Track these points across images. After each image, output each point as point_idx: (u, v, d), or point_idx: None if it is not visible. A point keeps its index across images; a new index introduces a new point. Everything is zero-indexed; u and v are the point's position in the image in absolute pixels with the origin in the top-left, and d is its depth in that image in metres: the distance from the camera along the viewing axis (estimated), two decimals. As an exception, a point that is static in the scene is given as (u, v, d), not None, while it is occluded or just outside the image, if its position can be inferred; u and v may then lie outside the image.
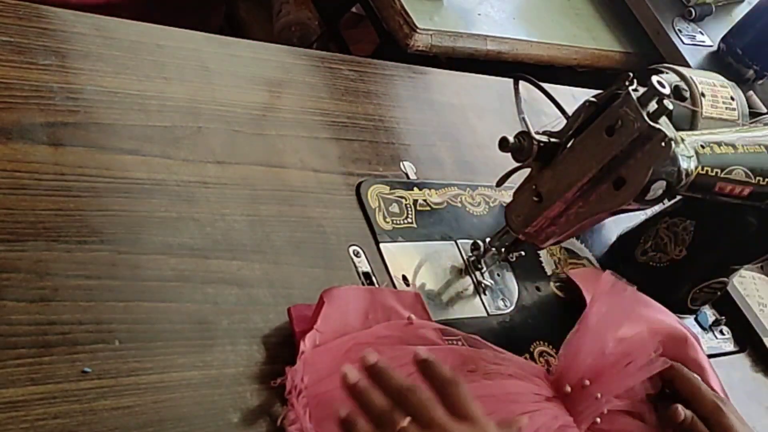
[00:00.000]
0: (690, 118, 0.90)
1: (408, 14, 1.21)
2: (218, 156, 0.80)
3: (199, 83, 0.84)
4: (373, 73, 1.03)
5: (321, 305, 0.70)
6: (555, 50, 1.42)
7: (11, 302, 0.60)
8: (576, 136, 0.76)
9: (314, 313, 0.70)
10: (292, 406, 0.65)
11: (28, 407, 0.56)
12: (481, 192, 0.98)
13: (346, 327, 0.71)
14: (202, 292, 0.69)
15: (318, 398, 0.66)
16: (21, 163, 0.67)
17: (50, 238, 0.64)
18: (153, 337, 0.64)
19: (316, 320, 0.69)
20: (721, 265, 0.98)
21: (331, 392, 0.66)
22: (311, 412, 0.65)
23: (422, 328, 0.75)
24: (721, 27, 1.60)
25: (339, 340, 0.70)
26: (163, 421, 0.61)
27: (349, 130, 0.93)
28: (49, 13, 0.79)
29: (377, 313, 0.74)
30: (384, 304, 0.75)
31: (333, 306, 0.70)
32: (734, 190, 0.79)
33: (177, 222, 0.72)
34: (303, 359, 0.67)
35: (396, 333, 0.73)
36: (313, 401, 0.66)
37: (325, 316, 0.70)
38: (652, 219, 1.01)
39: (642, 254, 0.99)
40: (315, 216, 0.82)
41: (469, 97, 1.12)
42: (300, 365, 0.67)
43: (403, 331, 0.74)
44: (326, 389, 0.67)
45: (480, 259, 0.89)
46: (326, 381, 0.67)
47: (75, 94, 0.74)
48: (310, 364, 0.67)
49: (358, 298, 0.74)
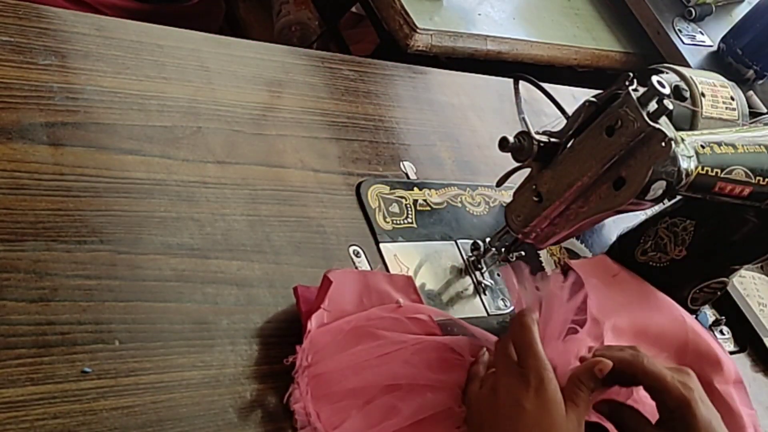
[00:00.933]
0: (690, 118, 0.90)
1: (408, 14, 1.21)
2: (218, 156, 0.80)
3: (199, 83, 0.84)
4: (373, 73, 1.03)
5: (327, 285, 0.71)
6: (555, 50, 1.42)
7: (11, 302, 0.60)
8: (576, 136, 0.76)
9: (320, 293, 0.71)
10: (297, 384, 0.66)
11: (28, 407, 0.56)
12: (481, 192, 0.98)
13: (344, 309, 0.72)
14: (201, 292, 0.69)
15: (318, 378, 0.67)
16: (21, 163, 0.67)
17: (50, 238, 0.64)
18: (153, 337, 0.64)
19: (323, 300, 0.71)
20: (721, 265, 0.97)
21: (330, 373, 0.68)
22: (311, 390, 0.66)
23: (414, 312, 0.77)
24: (721, 27, 1.60)
25: (337, 323, 0.71)
26: (162, 421, 0.61)
27: (349, 130, 0.93)
28: (49, 13, 0.79)
29: (371, 297, 0.75)
30: (377, 288, 0.76)
31: (334, 287, 0.72)
32: (734, 190, 0.79)
33: (177, 222, 0.72)
34: (310, 338, 0.68)
35: (391, 315, 0.75)
36: (313, 381, 0.67)
37: (330, 297, 0.71)
38: (652, 219, 1.01)
39: (642, 254, 0.99)
40: (315, 216, 0.82)
41: (469, 97, 1.12)
42: (307, 344, 0.68)
43: (397, 313, 0.75)
44: (326, 370, 0.68)
45: (480, 259, 0.89)
46: (327, 361, 0.68)
47: (75, 94, 0.74)
48: (314, 344, 0.68)
49: (353, 282, 0.75)
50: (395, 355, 0.72)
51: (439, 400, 0.72)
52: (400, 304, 0.76)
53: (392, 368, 0.71)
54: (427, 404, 0.71)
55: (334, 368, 0.68)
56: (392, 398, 0.70)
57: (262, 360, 0.68)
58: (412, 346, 0.73)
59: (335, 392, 0.68)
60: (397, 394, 0.70)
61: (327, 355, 0.69)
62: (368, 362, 0.70)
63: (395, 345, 0.72)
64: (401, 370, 0.71)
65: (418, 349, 0.73)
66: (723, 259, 0.97)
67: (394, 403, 0.69)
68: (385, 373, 0.70)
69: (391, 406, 0.69)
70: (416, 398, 0.70)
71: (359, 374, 0.69)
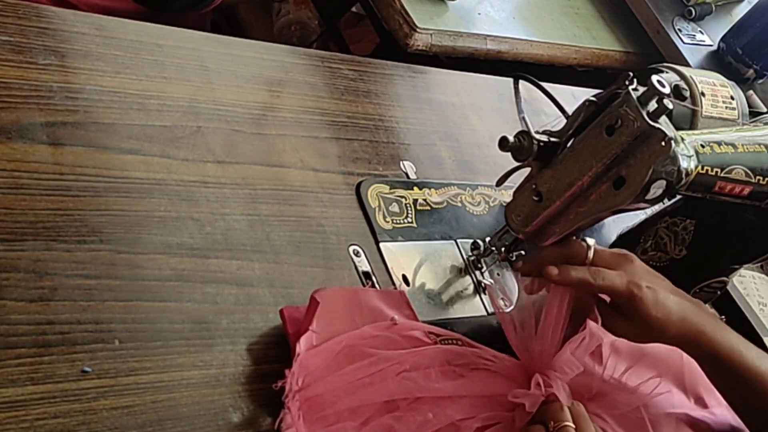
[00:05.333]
0: (690, 117, 0.90)
1: (408, 14, 1.21)
2: (218, 156, 0.80)
3: (199, 83, 0.84)
4: (373, 73, 1.03)
5: (315, 306, 0.70)
6: (555, 50, 1.42)
7: (11, 302, 0.60)
8: (576, 136, 0.76)
9: (307, 314, 0.70)
10: (288, 409, 0.65)
11: (28, 407, 0.56)
12: (481, 191, 0.98)
13: (335, 329, 0.71)
14: (201, 292, 0.69)
15: (311, 401, 0.66)
16: (20, 162, 0.67)
17: (50, 237, 0.64)
18: (152, 337, 0.64)
19: (311, 321, 0.69)
20: (721, 264, 0.98)
21: (323, 395, 0.66)
22: (305, 414, 0.65)
23: (409, 329, 0.75)
24: (721, 26, 1.60)
25: (329, 343, 0.69)
26: (162, 421, 0.61)
27: (348, 129, 0.93)
28: (49, 13, 0.79)
29: (363, 314, 0.74)
30: (369, 305, 0.74)
31: (323, 308, 0.70)
32: (734, 189, 0.79)
33: (177, 222, 0.72)
34: (299, 361, 0.67)
35: (384, 333, 0.73)
36: (306, 404, 0.65)
37: (318, 317, 0.69)
38: (652, 219, 1.01)
39: (642, 254, 0.99)
40: (315, 215, 0.82)
41: (469, 97, 1.12)
42: (296, 367, 0.66)
43: (391, 331, 0.74)
44: (318, 392, 0.66)
45: (480, 259, 0.89)
46: (319, 383, 0.67)
47: (75, 94, 0.74)
48: (304, 366, 0.67)
49: (344, 300, 0.73)
50: (389, 371, 0.70)
51: (441, 416, 0.70)
52: (395, 322, 0.74)
53: (386, 385, 0.69)
54: (427, 424, 0.69)
55: (327, 390, 0.66)
56: (390, 418, 0.68)
57: (262, 359, 0.68)
58: (407, 360, 0.71)
59: (329, 414, 0.66)
60: (396, 413, 0.68)
61: (319, 377, 0.67)
62: (362, 381, 0.68)
63: (389, 360, 0.70)
64: (397, 385, 0.69)
65: (415, 363, 0.71)
66: (723, 258, 0.97)
67: (392, 423, 0.67)
68: (380, 391, 0.68)
69: (389, 427, 0.67)
70: (416, 417, 0.68)
71: (353, 394, 0.67)
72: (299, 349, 0.67)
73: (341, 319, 0.72)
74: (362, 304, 0.74)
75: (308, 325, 0.69)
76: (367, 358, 0.70)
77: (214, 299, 0.69)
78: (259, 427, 0.65)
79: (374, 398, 0.68)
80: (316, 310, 0.69)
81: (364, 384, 0.68)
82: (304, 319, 0.70)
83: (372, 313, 0.74)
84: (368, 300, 0.75)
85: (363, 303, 0.74)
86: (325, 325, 0.70)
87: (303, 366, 0.67)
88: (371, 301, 0.75)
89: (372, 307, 0.74)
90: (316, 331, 0.69)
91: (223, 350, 0.67)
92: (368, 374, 0.69)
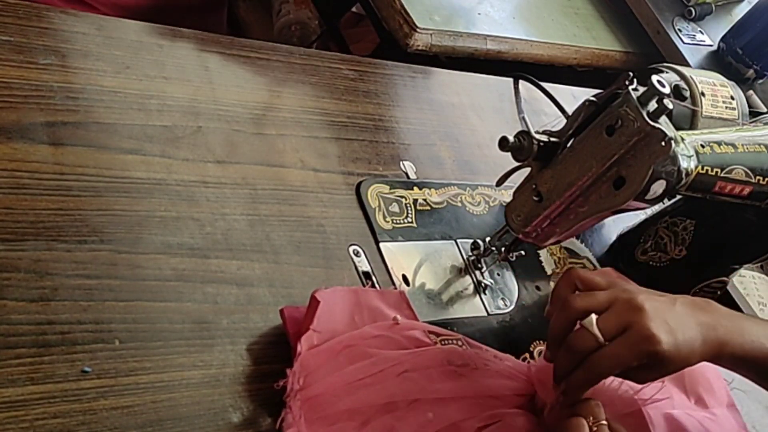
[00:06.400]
0: (690, 117, 0.90)
1: (408, 14, 1.21)
2: (218, 155, 0.80)
3: (199, 82, 0.84)
4: (373, 73, 1.03)
5: (315, 305, 0.70)
6: (555, 50, 1.42)
7: (11, 302, 0.60)
8: (576, 136, 0.76)
9: (308, 314, 0.70)
10: (290, 408, 0.65)
11: (28, 407, 0.56)
12: (481, 191, 0.98)
13: (335, 329, 0.71)
14: (201, 292, 0.69)
15: (311, 401, 0.66)
16: (21, 162, 0.67)
17: (50, 237, 0.64)
18: (152, 337, 0.64)
19: (312, 321, 0.69)
20: (720, 264, 0.98)
21: (324, 395, 0.66)
22: (305, 414, 0.65)
23: (409, 329, 0.75)
24: (721, 26, 1.60)
25: (329, 343, 0.69)
26: (162, 421, 0.61)
27: (348, 129, 0.93)
28: (49, 13, 0.79)
29: (363, 314, 0.73)
30: (369, 305, 0.74)
31: (323, 307, 0.70)
32: (734, 189, 0.79)
33: (177, 222, 0.72)
34: (300, 361, 0.67)
35: (384, 333, 0.73)
36: (307, 404, 0.65)
37: (319, 317, 0.69)
38: (652, 219, 1.01)
39: (642, 254, 0.99)
40: (315, 215, 0.82)
41: (469, 97, 1.12)
42: (297, 367, 0.66)
43: (392, 331, 0.73)
44: (319, 392, 0.66)
45: (480, 259, 0.89)
46: (319, 383, 0.67)
47: (75, 94, 0.74)
48: (304, 366, 0.67)
49: (343, 300, 0.73)
50: (390, 372, 0.69)
51: (442, 416, 0.69)
52: (397, 321, 0.74)
53: (387, 386, 0.69)
54: (428, 424, 0.68)
55: (328, 390, 0.66)
56: (390, 418, 0.68)
57: (262, 359, 0.68)
58: (408, 360, 0.71)
59: (330, 415, 0.66)
60: (396, 413, 0.68)
61: (320, 377, 0.67)
62: (362, 381, 0.68)
63: (390, 361, 0.70)
64: (397, 386, 0.69)
65: (415, 363, 0.71)
66: (723, 258, 0.97)
67: (392, 423, 0.67)
68: (381, 392, 0.68)
69: (389, 427, 0.67)
70: (416, 417, 0.68)
71: (353, 394, 0.67)
72: (301, 348, 0.67)
73: (341, 319, 0.72)
74: (362, 305, 0.74)
75: (309, 324, 0.69)
76: (367, 358, 0.70)
77: (214, 299, 0.69)
78: (259, 427, 0.65)
79: (375, 399, 0.68)
80: (316, 310, 0.69)
81: (365, 384, 0.68)
82: (305, 319, 0.70)
83: (372, 313, 0.74)
84: (368, 300, 0.75)
85: (363, 303, 0.74)
86: (325, 324, 0.70)
87: (304, 365, 0.67)
88: (371, 301, 0.75)
89: (372, 307, 0.74)
90: (317, 330, 0.69)
91: (223, 350, 0.67)
92: (369, 375, 0.69)
